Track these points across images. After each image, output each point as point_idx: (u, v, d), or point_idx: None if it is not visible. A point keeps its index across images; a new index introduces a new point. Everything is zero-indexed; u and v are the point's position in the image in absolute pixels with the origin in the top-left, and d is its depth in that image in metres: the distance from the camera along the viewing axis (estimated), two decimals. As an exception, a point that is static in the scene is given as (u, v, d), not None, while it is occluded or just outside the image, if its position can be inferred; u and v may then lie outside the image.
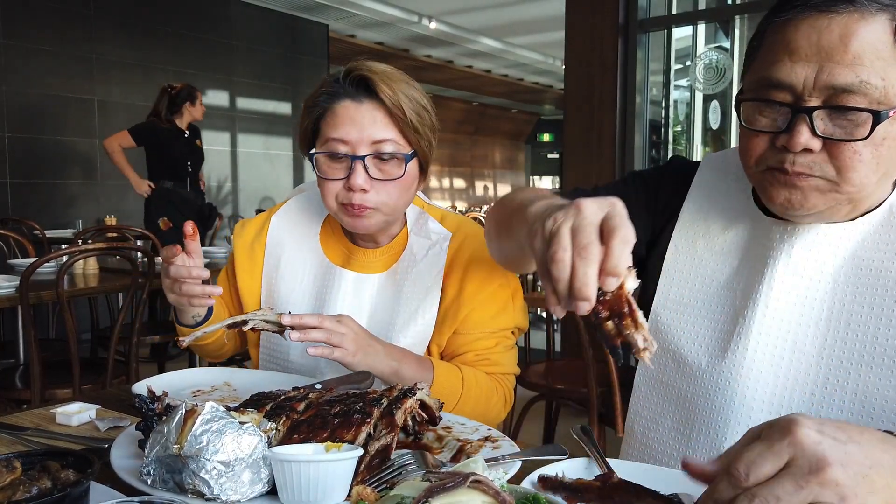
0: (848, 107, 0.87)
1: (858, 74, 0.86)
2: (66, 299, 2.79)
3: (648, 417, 1.13)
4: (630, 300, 0.74)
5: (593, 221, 0.74)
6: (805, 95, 0.89)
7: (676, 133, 4.87)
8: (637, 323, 0.73)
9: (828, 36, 0.87)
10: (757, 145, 0.95)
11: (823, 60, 0.87)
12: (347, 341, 1.19)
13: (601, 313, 0.74)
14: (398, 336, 1.37)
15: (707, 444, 1.04)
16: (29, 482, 0.77)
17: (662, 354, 1.11)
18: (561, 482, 0.82)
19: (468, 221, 1.48)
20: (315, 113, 1.35)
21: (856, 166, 0.89)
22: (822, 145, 0.90)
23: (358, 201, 1.32)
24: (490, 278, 1.40)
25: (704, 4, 4.63)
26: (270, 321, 1.22)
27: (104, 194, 6.52)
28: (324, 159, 1.34)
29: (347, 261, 1.46)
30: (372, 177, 1.32)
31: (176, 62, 7.01)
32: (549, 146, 18.16)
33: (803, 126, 0.89)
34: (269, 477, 0.82)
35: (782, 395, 0.99)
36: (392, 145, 1.32)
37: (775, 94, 0.92)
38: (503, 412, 1.43)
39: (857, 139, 0.88)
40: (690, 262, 1.11)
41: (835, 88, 0.87)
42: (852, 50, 0.86)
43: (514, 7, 8.78)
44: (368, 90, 1.32)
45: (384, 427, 0.91)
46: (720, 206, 1.10)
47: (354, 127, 1.31)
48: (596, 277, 0.71)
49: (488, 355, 1.40)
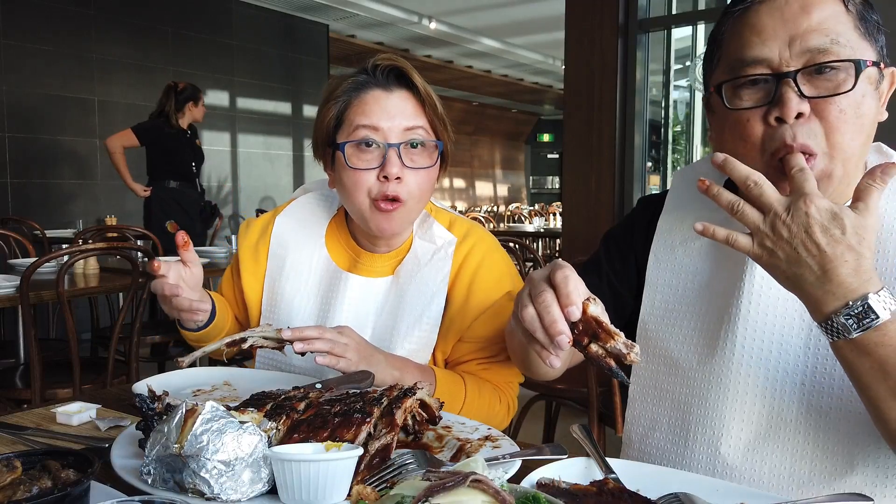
0: (830, 62, 0.92)
1: (828, 35, 0.92)
2: (67, 299, 2.79)
3: (645, 425, 1.14)
4: (597, 319, 0.83)
5: (541, 277, 0.88)
6: (783, 66, 0.93)
7: (676, 133, 4.88)
8: (611, 334, 0.82)
9: (789, 10, 0.94)
10: (753, 129, 0.96)
11: (792, 30, 0.93)
12: (350, 352, 1.18)
13: (583, 342, 0.83)
14: (401, 341, 1.35)
15: (705, 444, 1.04)
16: (29, 482, 0.77)
17: (654, 360, 1.12)
18: (558, 487, 0.82)
19: (478, 228, 1.45)
20: (340, 104, 1.32)
21: (841, 127, 0.92)
22: (810, 110, 0.93)
23: (393, 191, 1.28)
24: (498, 287, 1.38)
25: (704, 4, 4.63)
26: (270, 337, 1.21)
27: (104, 194, 6.52)
28: (353, 150, 1.29)
29: (353, 264, 1.43)
30: (405, 165, 1.29)
31: (176, 62, 7.01)
32: (549, 146, 18.17)
33: (790, 92, 0.92)
34: (269, 476, 0.83)
35: (773, 387, 1.00)
36: (423, 133, 1.31)
37: (752, 70, 0.95)
38: (506, 420, 1.41)
39: (843, 92, 0.92)
40: (671, 269, 1.13)
41: (811, 51, 0.92)
42: (816, 17, 0.93)
43: (514, 7, 8.79)
44: (399, 79, 1.31)
45: (384, 426, 0.91)
46: (694, 212, 1.12)
47: (386, 114, 1.28)
48: (559, 314, 0.83)
49: (493, 364, 1.39)
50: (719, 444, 1.02)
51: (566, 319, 0.83)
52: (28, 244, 3.92)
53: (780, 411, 0.99)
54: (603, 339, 0.82)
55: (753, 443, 1.00)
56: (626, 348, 0.82)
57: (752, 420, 1.01)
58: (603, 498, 0.80)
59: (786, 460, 0.98)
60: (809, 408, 0.97)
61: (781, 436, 0.99)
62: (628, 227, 1.24)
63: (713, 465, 1.03)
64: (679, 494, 0.82)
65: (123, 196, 6.13)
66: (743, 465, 1.00)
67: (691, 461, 1.05)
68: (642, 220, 1.22)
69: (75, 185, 6.38)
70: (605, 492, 0.81)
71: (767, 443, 0.99)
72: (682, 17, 4.41)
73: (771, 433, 0.99)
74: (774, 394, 1.00)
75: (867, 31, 0.95)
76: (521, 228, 9.12)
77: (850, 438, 0.95)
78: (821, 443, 0.96)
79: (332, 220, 1.49)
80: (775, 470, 0.99)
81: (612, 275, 1.21)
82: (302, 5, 8.11)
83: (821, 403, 0.97)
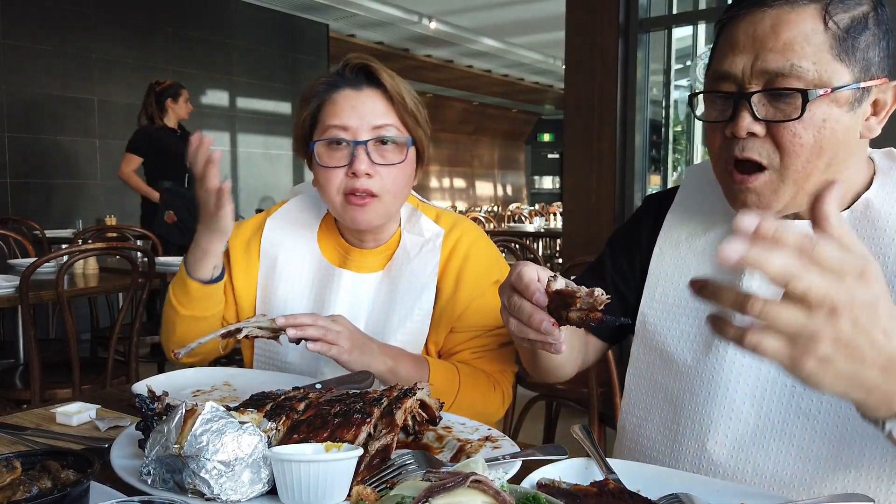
0: (780, 88, 0.93)
1: (789, 58, 0.92)
2: (66, 299, 2.79)
3: (638, 416, 1.16)
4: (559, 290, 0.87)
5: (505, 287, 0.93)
6: (746, 83, 0.95)
7: (676, 133, 4.87)
8: (574, 294, 0.86)
9: (762, 27, 0.94)
10: (715, 140, 1.01)
11: (758, 49, 0.94)
12: (343, 339, 1.21)
13: (564, 317, 0.87)
14: (394, 333, 1.37)
15: (693, 440, 1.06)
16: (29, 482, 0.77)
17: (650, 353, 1.14)
18: (558, 488, 0.82)
19: (463, 219, 1.49)
20: (313, 104, 1.36)
21: (796, 150, 0.94)
22: (765, 131, 0.95)
23: (362, 186, 1.31)
24: (486, 276, 1.41)
25: (704, 4, 4.62)
26: (264, 327, 1.22)
27: (104, 194, 6.52)
28: (324, 148, 1.34)
29: (344, 261, 1.46)
30: (374, 162, 1.32)
31: (176, 62, 7.01)
32: (549, 146, 18.14)
33: (744, 112, 0.95)
34: (269, 477, 0.82)
35: (764, 388, 1.01)
36: (392, 130, 1.34)
37: (722, 86, 0.98)
38: (501, 409, 1.43)
39: (793, 118, 0.93)
40: (674, 263, 1.14)
41: (769, 73, 0.94)
42: (783, 38, 0.93)
43: (514, 7, 8.78)
44: (368, 78, 1.34)
45: (384, 427, 0.91)
46: (702, 210, 1.15)
47: (355, 113, 1.32)
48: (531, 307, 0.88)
49: (486, 353, 1.41)
50: (706, 441, 1.04)
51: (539, 306, 0.88)
52: (28, 244, 3.92)
53: (769, 413, 1.00)
54: (574, 303, 0.85)
55: (739, 442, 1.02)
56: (591, 297, 0.85)
57: (739, 419, 1.02)
58: (603, 498, 0.80)
59: (769, 461, 1.00)
60: (798, 410, 0.98)
61: (767, 437, 1.00)
62: (634, 225, 1.26)
63: (699, 461, 1.04)
64: (679, 495, 0.82)
65: (123, 196, 6.13)
66: (728, 464, 1.02)
67: (679, 455, 1.07)
68: (648, 218, 1.23)
69: (75, 185, 6.38)
70: (606, 492, 0.81)
71: (753, 443, 1.01)
72: (682, 16, 4.41)
73: (757, 434, 1.01)
74: (764, 394, 1.01)
75: (846, 50, 0.92)
76: (521, 228, 9.12)
77: (837, 442, 0.96)
78: (805, 446, 0.98)
79: (322, 220, 1.51)
80: (758, 469, 1.00)
81: (616, 276, 1.23)
82: (302, 5, 8.10)
83: (809, 407, 0.98)
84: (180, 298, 1.39)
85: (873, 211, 1.00)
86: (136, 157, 5.05)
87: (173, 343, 1.40)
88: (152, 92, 5.04)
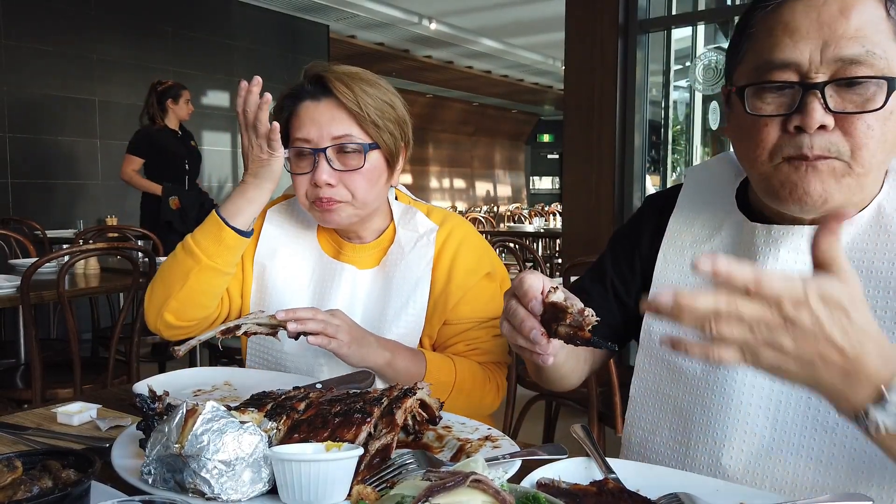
0: (860, 77, 0.86)
1: (864, 45, 0.86)
2: (67, 299, 2.79)
3: (645, 428, 1.12)
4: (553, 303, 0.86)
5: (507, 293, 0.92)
6: (812, 72, 0.88)
7: (676, 133, 4.87)
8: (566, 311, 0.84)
9: (827, 11, 0.87)
10: (768, 134, 0.92)
11: (827, 35, 0.87)
12: (342, 333, 1.23)
13: (554, 330, 0.86)
14: (390, 327, 1.39)
15: (706, 454, 1.02)
16: (30, 481, 0.77)
17: (657, 364, 1.10)
18: (558, 487, 0.82)
19: (453, 215, 1.52)
20: (283, 116, 1.41)
21: (867, 143, 0.88)
22: (834, 123, 0.88)
23: (325, 195, 1.36)
24: (477, 268, 1.43)
25: (704, 5, 4.63)
26: (263, 323, 1.23)
27: (105, 194, 6.51)
28: (292, 157, 1.40)
29: (338, 256, 1.49)
30: (335, 169, 1.36)
31: (176, 62, 7.00)
32: (549, 146, 18.15)
33: (815, 103, 0.87)
34: (269, 476, 0.83)
35: (779, 399, 0.98)
36: (352, 139, 1.36)
37: (779, 75, 0.90)
38: (496, 401, 1.45)
39: (871, 110, 0.87)
40: (679, 271, 1.10)
41: (843, 60, 0.86)
42: (854, 23, 0.86)
43: (514, 7, 8.78)
44: (325, 88, 1.37)
45: (384, 426, 0.91)
46: (705, 215, 1.11)
47: (314, 125, 1.36)
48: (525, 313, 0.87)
49: (479, 345, 1.44)
50: (720, 456, 1.00)
51: (533, 314, 0.86)
52: (29, 244, 3.92)
53: (784, 426, 0.97)
54: (564, 318, 0.84)
55: (755, 456, 0.98)
56: (580, 315, 0.83)
57: (754, 433, 0.98)
58: (603, 498, 0.80)
59: (787, 476, 0.96)
60: (815, 423, 0.95)
61: (784, 451, 0.96)
62: (635, 226, 1.22)
63: (714, 475, 1.00)
64: (679, 494, 0.82)
65: (124, 196, 6.13)
66: (744, 479, 0.98)
67: (692, 469, 1.03)
68: (649, 220, 1.19)
69: (76, 185, 6.38)
70: (605, 492, 0.81)
71: (770, 457, 0.97)
72: (682, 17, 4.41)
73: (774, 448, 0.97)
74: (779, 407, 0.98)
75: None
76: (521, 229, 9.11)
77: (857, 456, 0.92)
78: (824, 459, 0.94)
79: None
80: (776, 485, 0.96)
81: (616, 280, 1.20)
82: (302, 5, 8.10)
83: (827, 419, 0.94)
84: (206, 249, 1.35)
85: (885, 216, 0.96)
86: (137, 159, 5.06)
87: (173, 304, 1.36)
88: (154, 92, 5.05)
